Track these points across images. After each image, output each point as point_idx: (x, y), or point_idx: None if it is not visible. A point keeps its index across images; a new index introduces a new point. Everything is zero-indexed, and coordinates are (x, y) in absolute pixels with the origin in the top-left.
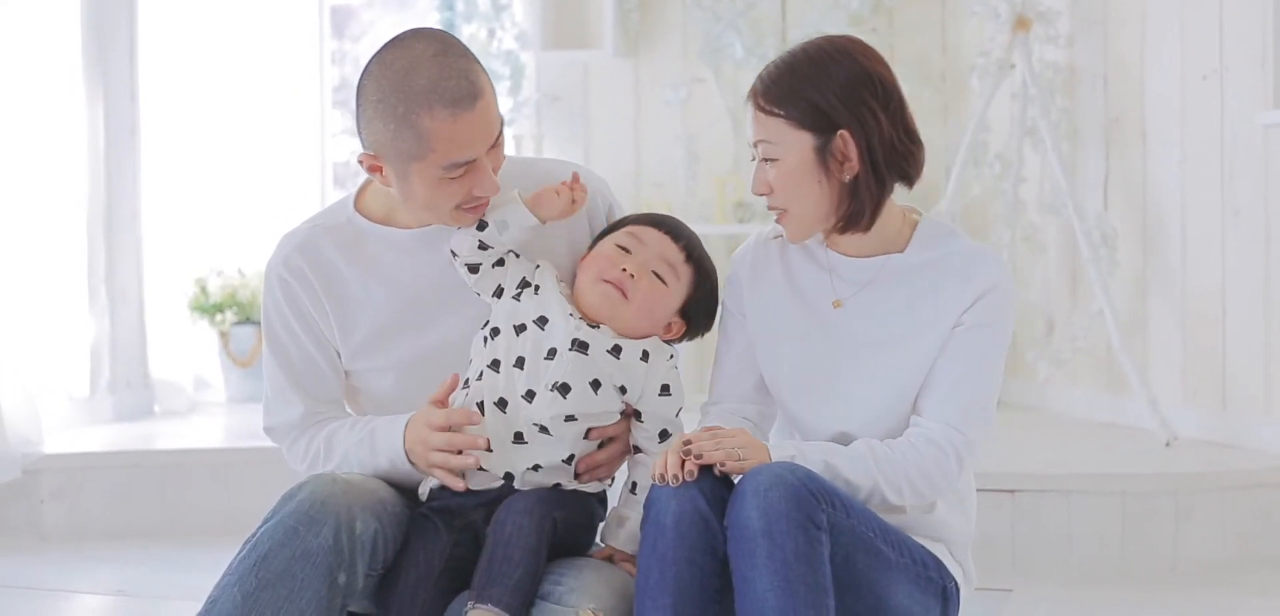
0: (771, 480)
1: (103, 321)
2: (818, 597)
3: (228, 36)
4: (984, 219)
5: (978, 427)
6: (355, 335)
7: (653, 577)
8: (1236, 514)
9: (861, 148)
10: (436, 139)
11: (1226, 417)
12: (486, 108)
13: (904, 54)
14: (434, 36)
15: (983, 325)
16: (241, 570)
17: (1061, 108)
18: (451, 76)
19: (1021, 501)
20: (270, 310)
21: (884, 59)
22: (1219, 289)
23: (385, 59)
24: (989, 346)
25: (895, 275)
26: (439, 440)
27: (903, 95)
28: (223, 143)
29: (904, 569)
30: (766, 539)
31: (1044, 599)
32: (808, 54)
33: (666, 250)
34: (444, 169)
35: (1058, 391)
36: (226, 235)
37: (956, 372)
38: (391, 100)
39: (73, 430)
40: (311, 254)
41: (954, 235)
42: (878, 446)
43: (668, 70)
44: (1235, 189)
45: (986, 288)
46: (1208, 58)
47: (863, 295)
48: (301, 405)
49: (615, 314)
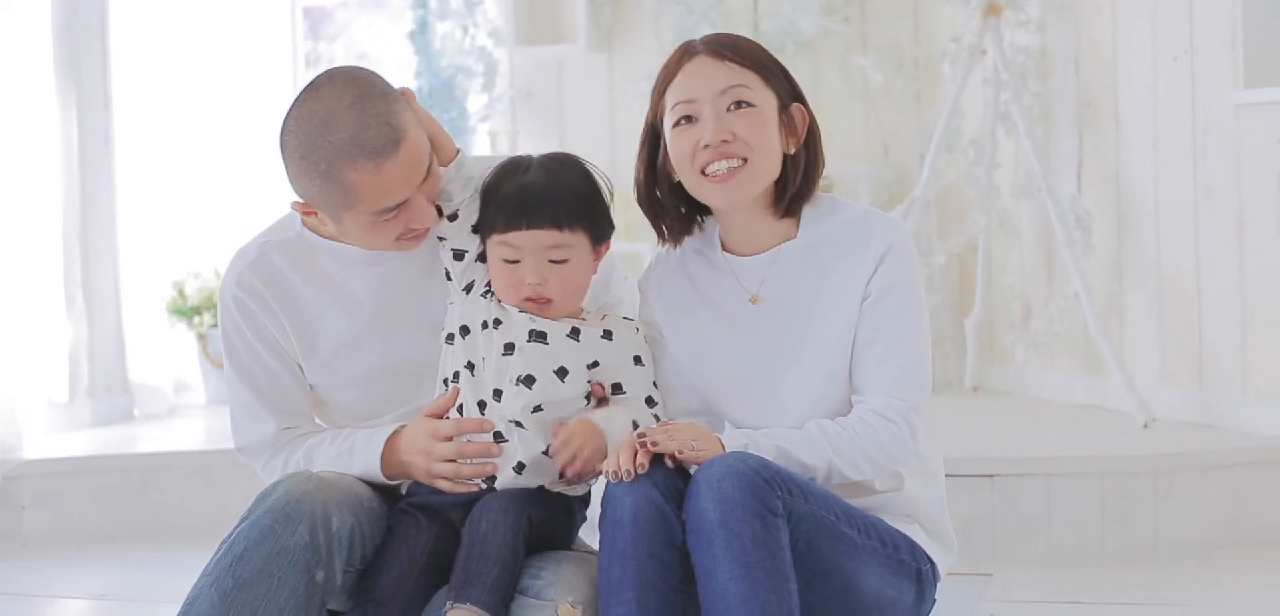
0: (724, 471)
1: (81, 327)
2: (778, 583)
3: (201, 40)
4: (958, 204)
5: (916, 391)
6: (315, 351)
7: (614, 574)
8: (1215, 494)
9: (808, 126)
10: (362, 189)
11: (1204, 398)
12: (411, 149)
13: (877, 41)
14: (350, 81)
15: (890, 289)
16: (218, 570)
17: (1034, 92)
18: (371, 125)
19: (1000, 485)
20: (229, 330)
21: None
22: (1194, 270)
23: (302, 113)
24: (904, 307)
25: (792, 260)
26: (448, 450)
27: None
28: (198, 146)
29: (873, 552)
30: (724, 529)
31: (1024, 582)
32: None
33: (542, 240)
34: (375, 214)
35: (1035, 375)
36: (203, 238)
37: (881, 344)
38: (313, 156)
39: (53, 436)
40: (264, 271)
41: (837, 206)
42: (829, 425)
43: (641, 64)
44: (1208, 170)
45: (882, 250)
46: (1178, 40)
47: (773, 286)
48: (273, 421)
49: (553, 313)
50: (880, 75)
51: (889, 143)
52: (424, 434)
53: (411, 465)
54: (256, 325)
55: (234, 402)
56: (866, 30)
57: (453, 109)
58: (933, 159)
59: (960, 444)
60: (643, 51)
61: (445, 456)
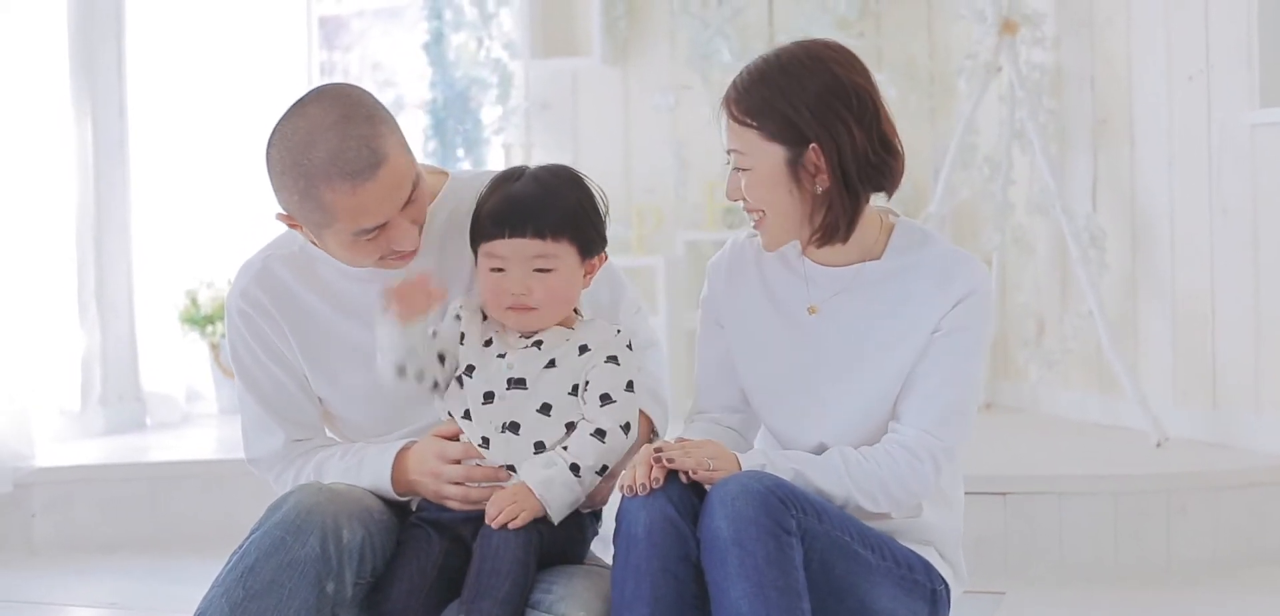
0: (738, 489)
1: (94, 335)
2: (791, 601)
3: (216, 48)
4: (973, 221)
5: (955, 433)
6: (319, 362)
7: (628, 590)
8: (1228, 513)
9: (832, 161)
10: (339, 210)
11: (1217, 417)
12: (392, 172)
13: (891, 57)
14: (337, 100)
15: (961, 330)
16: (228, 581)
17: (1049, 109)
18: (351, 146)
19: (1013, 503)
20: (236, 342)
21: (864, 67)
22: (1208, 288)
23: (286, 129)
24: (967, 351)
25: (871, 282)
26: (456, 473)
27: (881, 104)
28: (212, 154)
29: (887, 573)
30: (737, 547)
31: (1036, 601)
32: (781, 62)
33: (526, 249)
34: (354, 234)
35: (1049, 392)
36: (216, 247)
37: (935, 378)
38: (292, 173)
39: (64, 443)
40: (268, 283)
41: (930, 239)
42: (851, 455)
43: (656, 77)
44: (1223, 188)
45: (964, 292)
46: (1194, 58)
47: (838, 302)
48: (282, 432)
49: (537, 323)
50: (895, 90)
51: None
52: (433, 456)
53: (419, 484)
54: (262, 337)
55: (244, 415)
56: (882, 45)
57: (467, 120)
58: (947, 175)
59: (973, 461)
60: (658, 64)
61: (453, 479)
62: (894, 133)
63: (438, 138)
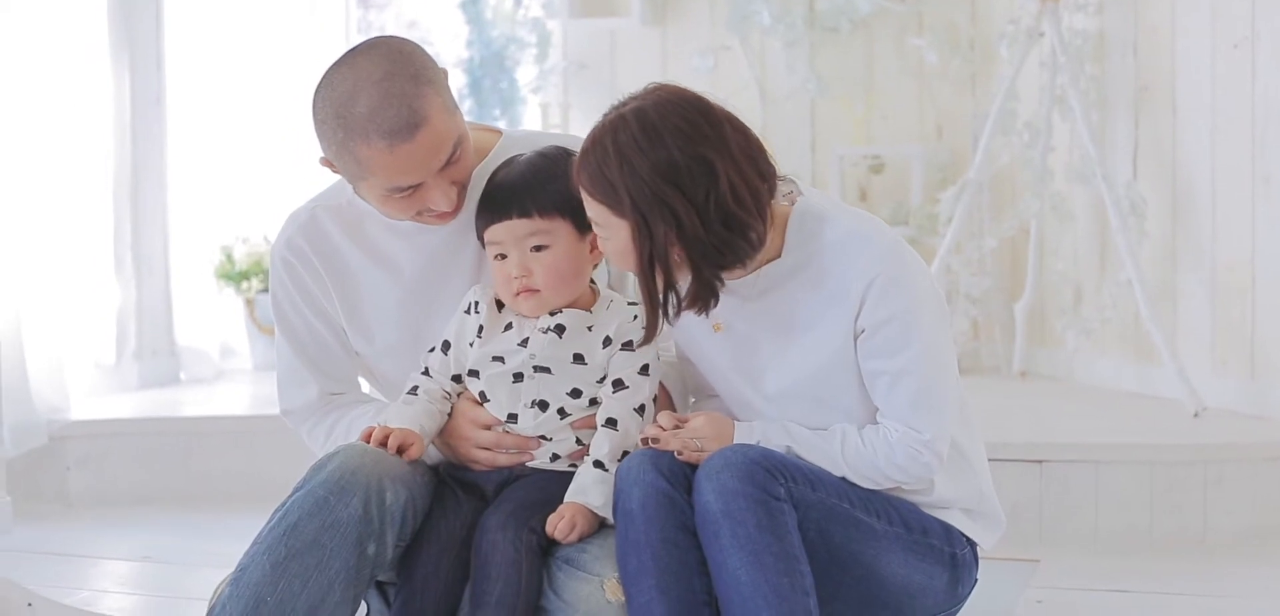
0: (722, 463)
1: (129, 289)
2: (789, 565)
3: (255, 5)
4: (1012, 188)
5: (933, 417)
6: (357, 316)
7: (631, 564)
8: (1265, 484)
9: (677, 240)
10: (375, 166)
11: (1255, 387)
12: (431, 133)
13: (933, 21)
14: (385, 55)
15: (884, 322)
16: (271, 539)
17: (1090, 76)
18: (392, 105)
19: (1049, 471)
20: (277, 290)
21: (716, 123)
22: (1249, 258)
23: (334, 77)
24: (903, 337)
25: (774, 284)
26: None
27: (730, 172)
28: (249, 110)
29: (896, 538)
30: (728, 519)
31: (1072, 569)
32: (617, 140)
33: (519, 230)
34: (388, 190)
35: (1086, 361)
36: (252, 203)
37: (885, 378)
38: (333, 123)
39: (99, 397)
40: (313, 234)
41: (825, 220)
42: (852, 435)
43: (695, 38)
44: (1266, 158)
45: (862, 289)
46: (1239, 26)
47: (749, 309)
48: (315, 385)
49: (546, 304)
50: (935, 56)
51: (943, 124)
52: (465, 421)
53: (450, 447)
54: (303, 287)
55: (280, 366)
56: (922, 10)
57: (503, 80)
58: (987, 142)
59: (1008, 429)
60: (697, 25)
61: (483, 444)
62: (750, 193)
63: (474, 97)
